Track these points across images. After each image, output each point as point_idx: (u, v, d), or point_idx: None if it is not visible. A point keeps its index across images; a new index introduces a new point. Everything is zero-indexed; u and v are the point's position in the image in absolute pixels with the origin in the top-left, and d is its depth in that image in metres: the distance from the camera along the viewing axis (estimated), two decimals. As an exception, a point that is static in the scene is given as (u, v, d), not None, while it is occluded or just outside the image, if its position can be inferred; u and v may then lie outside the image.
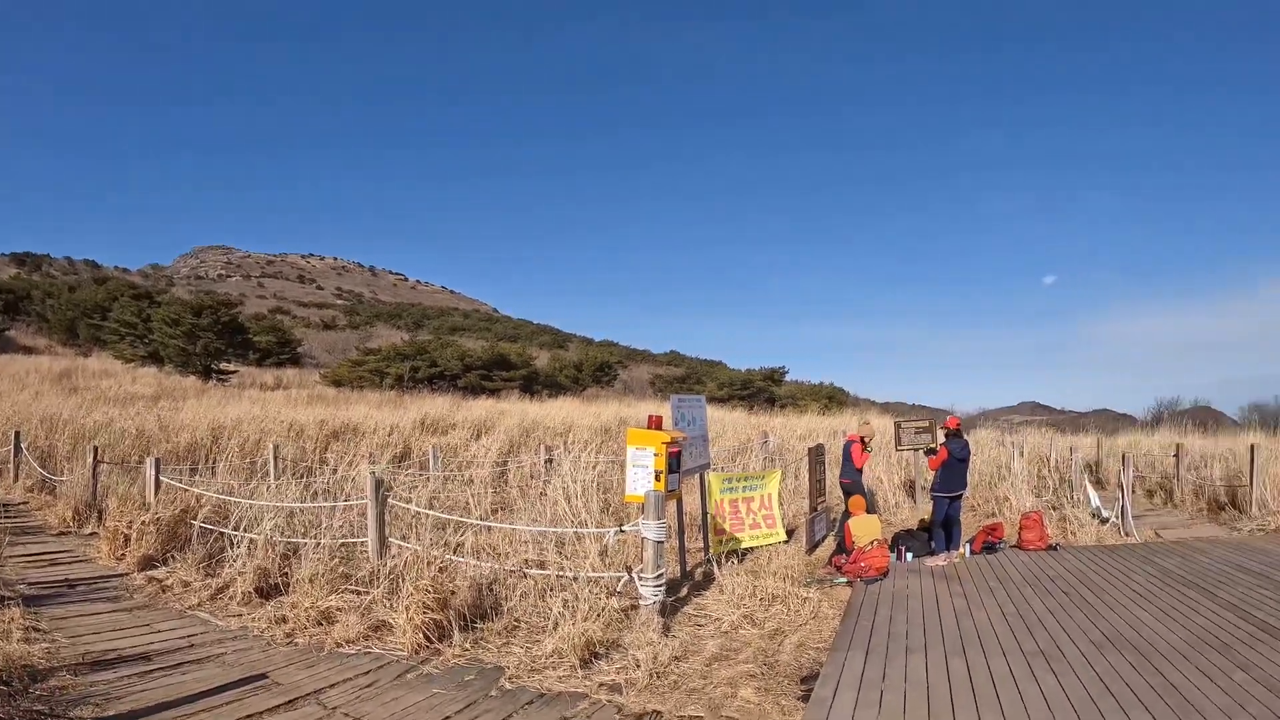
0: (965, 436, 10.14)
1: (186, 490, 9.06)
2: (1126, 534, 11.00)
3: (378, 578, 6.57)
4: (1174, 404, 34.93)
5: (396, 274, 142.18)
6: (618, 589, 6.66)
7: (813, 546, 9.91)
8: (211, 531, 8.06)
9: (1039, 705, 4.54)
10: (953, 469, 9.52)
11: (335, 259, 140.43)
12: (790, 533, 10.10)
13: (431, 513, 8.29)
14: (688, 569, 8.35)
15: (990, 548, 9.87)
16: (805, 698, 4.77)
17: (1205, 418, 29.98)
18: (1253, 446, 12.81)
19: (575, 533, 7.99)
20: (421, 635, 5.69)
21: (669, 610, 6.64)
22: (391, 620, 5.95)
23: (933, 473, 9.77)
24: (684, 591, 7.50)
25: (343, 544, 7.62)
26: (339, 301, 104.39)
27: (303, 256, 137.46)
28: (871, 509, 10.42)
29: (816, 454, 11.51)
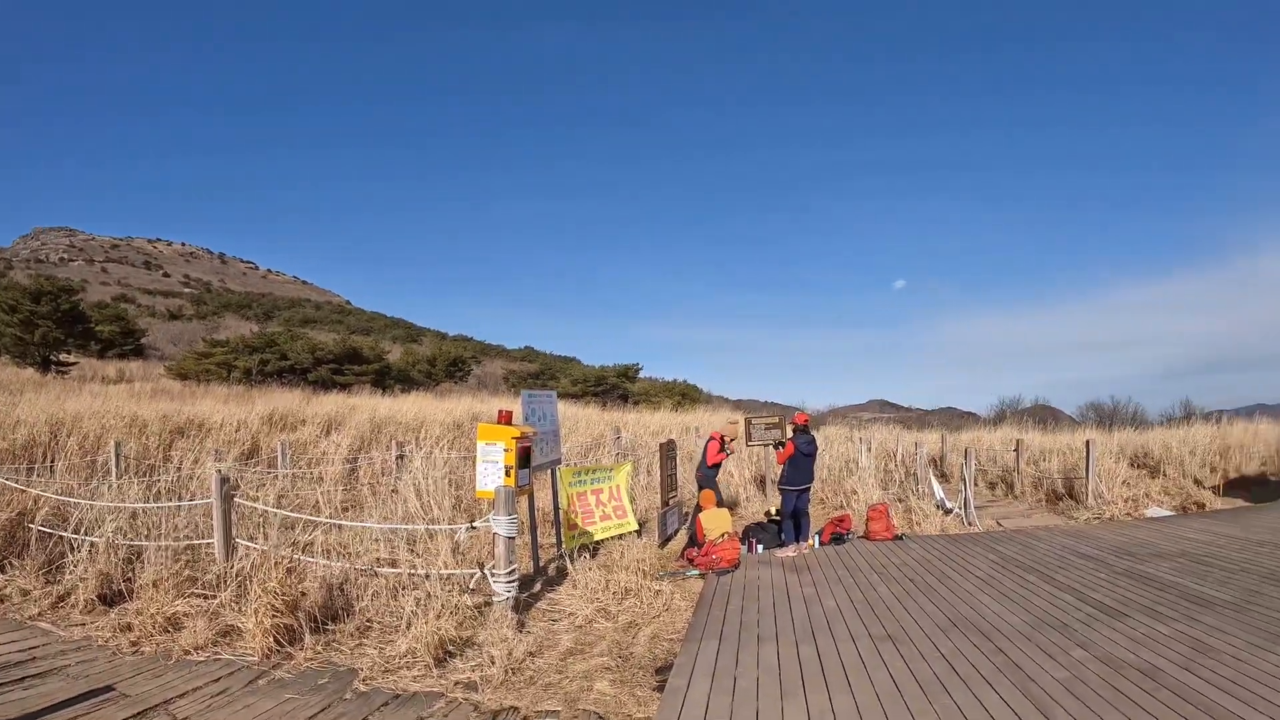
0: (813, 432, 11.87)
1: (24, 491, 9.63)
2: (969, 524, 13.16)
3: (225, 580, 7.20)
4: (1016, 402, 40.43)
5: (247, 262, 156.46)
6: (471, 586, 7.61)
7: (665, 540, 11.57)
8: (51, 535, 8.69)
9: (887, 685, 5.49)
10: (800, 463, 11.09)
11: (184, 244, 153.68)
12: (642, 526, 11.80)
13: (280, 511, 9.30)
14: (541, 564, 9.60)
15: (838, 539, 11.54)
16: (660, 688, 5.59)
17: (1045, 415, 34.62)
18: (1088, 442, 15.40)
19: (427, 530, 9.06)
20: (272, 639, 6.32)
21: (523, 606, 7.70)
22: (241, 624, 6.55)
23: (781, 467, 11.29)
24: (538, 587, 8.65)
25: (188, 546, 8.38)
26: (186, 290, 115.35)
27: (150, 241, 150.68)
28: (723, 503, 11.89)
29: (668, 449, 13.20)
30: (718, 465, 12.39)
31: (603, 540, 10.49)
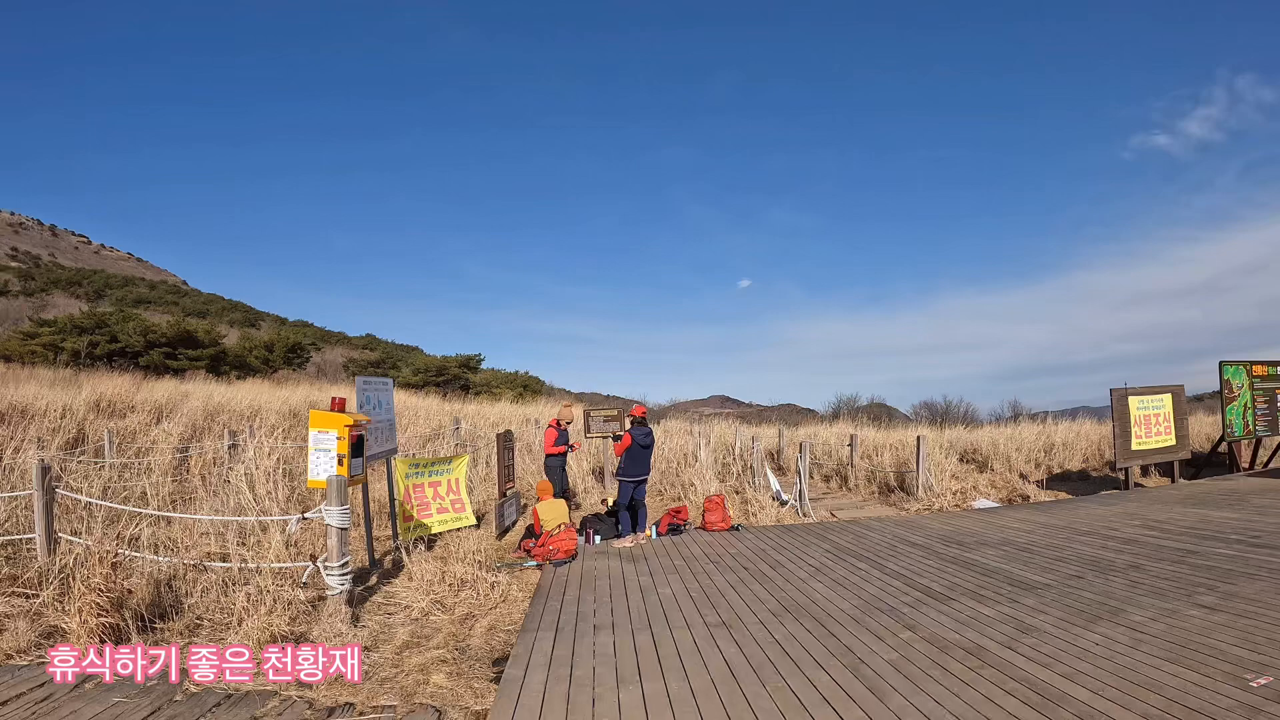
0: (650, 425, 12.15)
1: None
2: (804, 515, 13.53)
3: (48, 578, 7.06)
4: (853, 400, 42.25)
5: (80, 236, 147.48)
6: (304, 580, 7.51)
7: (503, 531, 11.77)
8: None
9: (721, 670, 5.54)
10: (637, 455, 11.23)
11: (12, 214, 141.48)
12: (481, 518, 11.94)
13: (105, 503, 9.16)
14: (376, 557, 9.63)
15: (675, 529, 11.79)
16: (498, 679, 5.60)
17: (881, 413, 36.30)
18: (919, 438, 16.11)
19: (259, 522, 8.89)
20: (98, 640, 6.10)
21: (358, 600, 7.66)
22: (65, 625, 6.36)
23: (619, 458, 11.41)
24: (373, 580, 8.65)
25: (7, 541, 8.22)
26: (13, 264, 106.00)
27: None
28: (563, 494, 12.27)
29: (505, 440, 13.34)
30: (559, 456, 12.55)
31: (440, 533, 10.47)
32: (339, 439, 7.99)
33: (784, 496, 14.28)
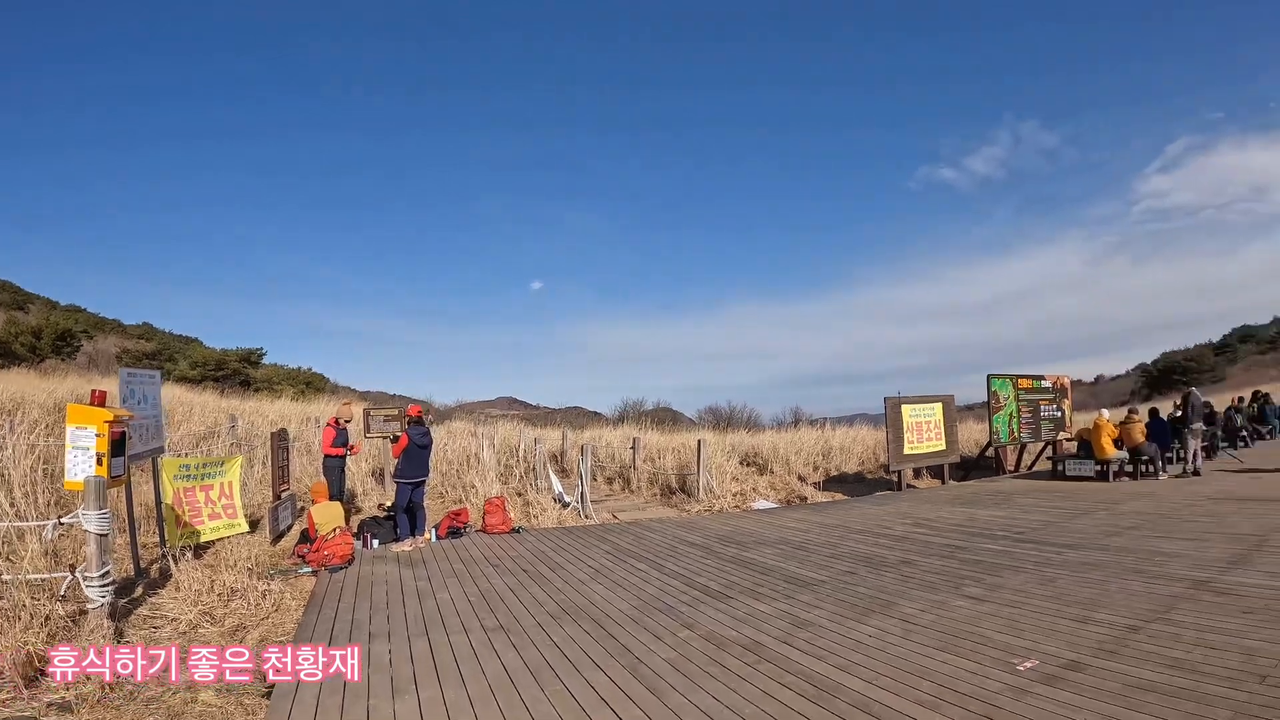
0: (436, 426, 11.44)
1: None
2: (586, 516, 13.54)
3: None
4: (639, 404, 43.14)
5: None
6: (63, 592, 6.94)
7: (277, 536, 11.19)
8: None
9: (499, 675, 5.35)
10: (414, 455, 11.07)
11: None
12: (256, 523, 11.34)
13: None
14: (143, 566, 8.93)
15: (455, 532, 11.56)
16: (269, 694, 5.28)
17: (667, 417, 37.17)
18: (700, 441, 16.68)
19: (13, 527, 8.26)
20: None
21: (122, 613, 7.09)
22: None
23: (397, 459, 11.22)
24: (139, 591, 8.04)
25: None
26: None
27: None
28: (338, 495, 11.71)
29: (280, 439, 12.79)
30: (338, 457, 12.04)
31: (211, 540, 9.83)
32: (98, 436, 7.35)
33: (566, 498, 14.26)
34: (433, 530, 11.37)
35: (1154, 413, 17.67)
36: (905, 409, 17.33)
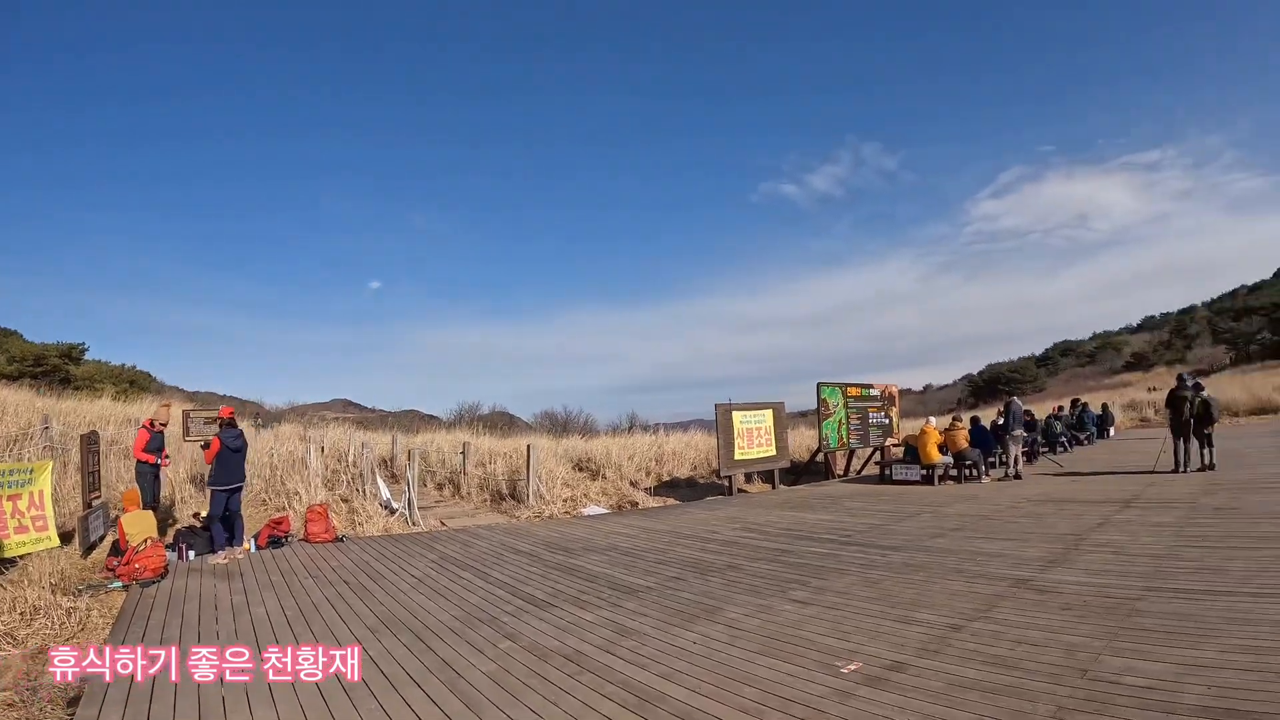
0: (240, 426, 11.41)
1: None
2: (413, 524, 13.24)
3: None
4: (475, 408, 42.36)
5: None
6: None
7: (88, 548, 10.50)
8: None
9: (311, 692, 5.08)
10: (227, 460, 10.53)
11: None
12: (69, 535, 10.53)
13: None
14: None
15: (276, 542, 11.08)
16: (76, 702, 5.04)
17: (502, 421, 36.71)
18: (529, 446, 16.59)
19: None
20: None
21: None
22: None
23: (210, 465, 10.67)
24: None
25: None
26: None
27: None
28: (152, 503, 11.11)
29: (90, 442, 12.06)
30: (151, 464, 11.28)
31: (17, 556, 9.20)
32: None
33: (394, 505, 13.87)
34: (252, 540, 10.85)
35: (975, 420, 18.82)
36: (736, 415, 17.74)
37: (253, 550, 10.66)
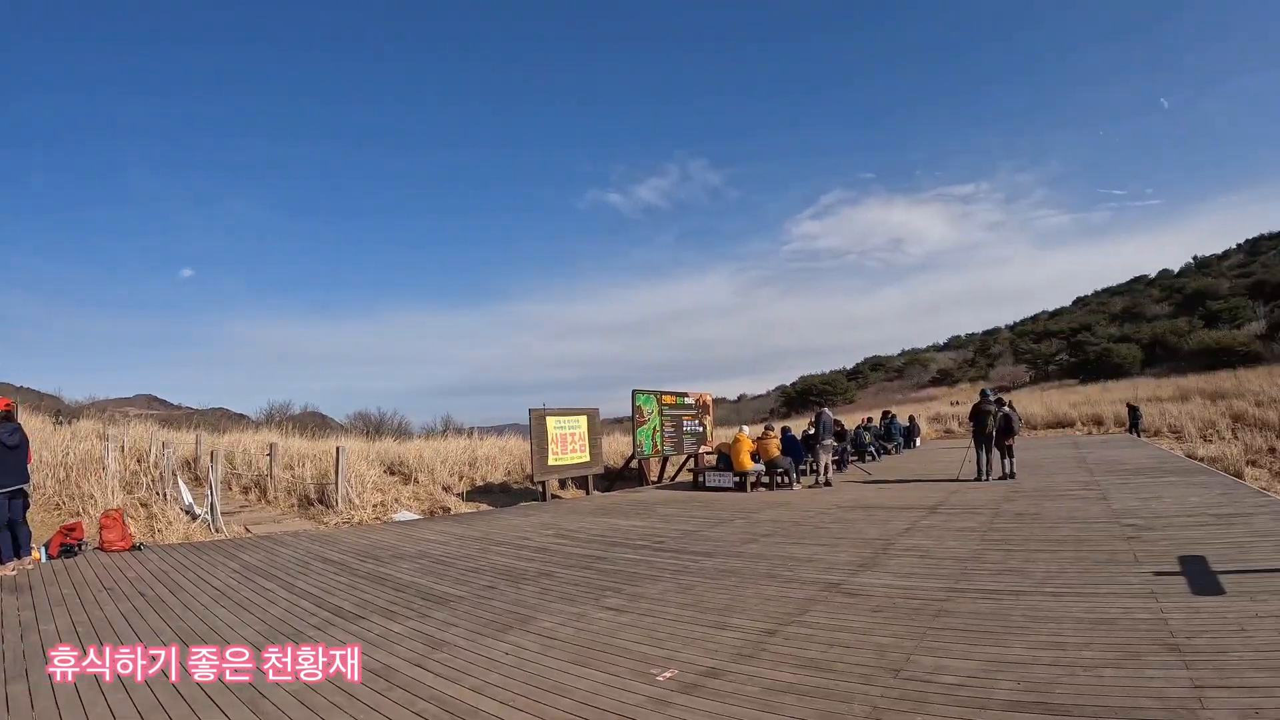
0: (17, 421, 10.26)
1: None
2: (217, 530, 12.63)
3: None
4: (286, 407, 40.59)
5: None
6: None
7: None
8: None
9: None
10: (2, 459, 9.55)
11: None
12: None
13: None
14: None
15: (69, 550, 10.38)
16: None
17: (314, 422, 35.45)
18: (338, 449, 16.28)
19: None
20: None
21: None
22: None
23: None
24: None
25: None
26: None
27: None
28: None
29: None
30: None
31: None
32: None
33: (196, 510, 13.16)
34: (42, 549, 10.06)
35: (787, 429, 19.70)
36: (550, 421, 17.90)
37: (44, 560, 9.92)
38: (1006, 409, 17.34)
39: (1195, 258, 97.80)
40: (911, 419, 32.99)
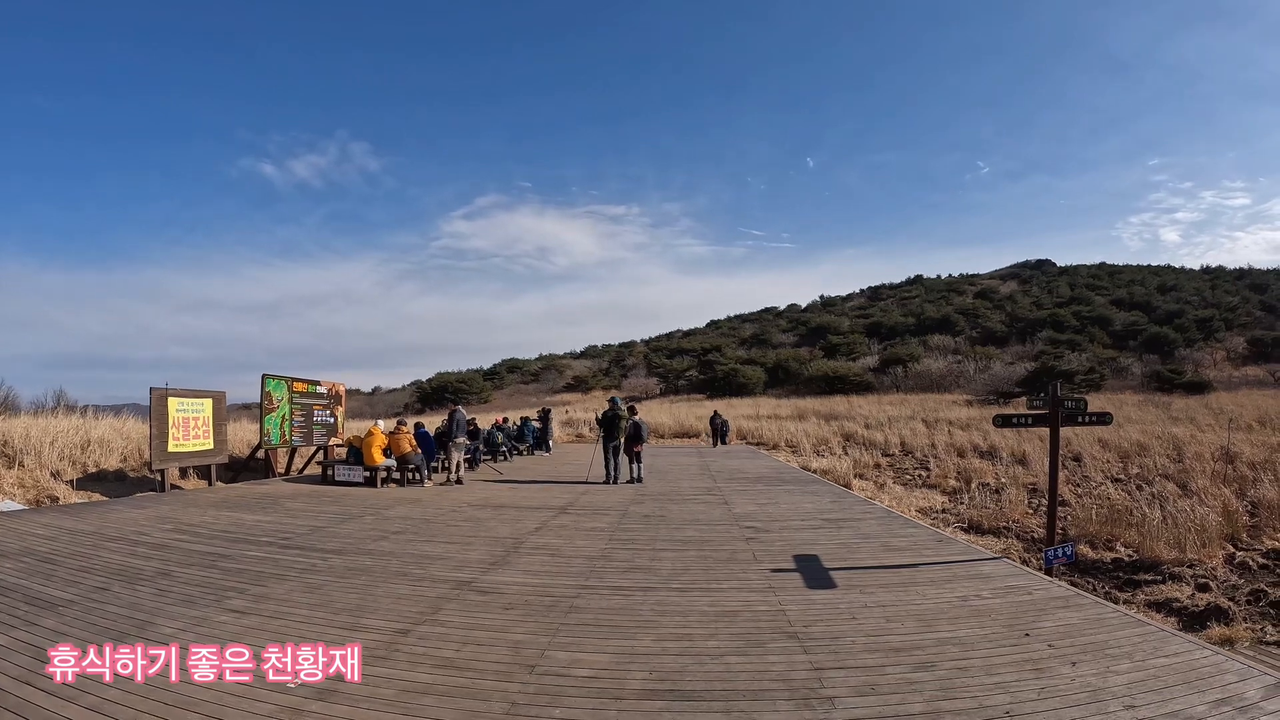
0: None
1: None
2: None
3: None
4: None
5: None
6: None
7: None
8: None
9: None
10: None
11: None
12: None
13: None
14: None
15: None
16: None
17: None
18: None
19: None
20: None
21: None
22: None
23: None
24: None
25: None
26: None
27: None
28: None
29: None
30: None
31: None
32: None
33: None
34: None
35: (420, 425, 19.78)
36: (172, 402, 16.55)
37: None
38: (636, 418, 18.63)
39: (822, 296, 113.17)
40: (545, 420, 33.31)
